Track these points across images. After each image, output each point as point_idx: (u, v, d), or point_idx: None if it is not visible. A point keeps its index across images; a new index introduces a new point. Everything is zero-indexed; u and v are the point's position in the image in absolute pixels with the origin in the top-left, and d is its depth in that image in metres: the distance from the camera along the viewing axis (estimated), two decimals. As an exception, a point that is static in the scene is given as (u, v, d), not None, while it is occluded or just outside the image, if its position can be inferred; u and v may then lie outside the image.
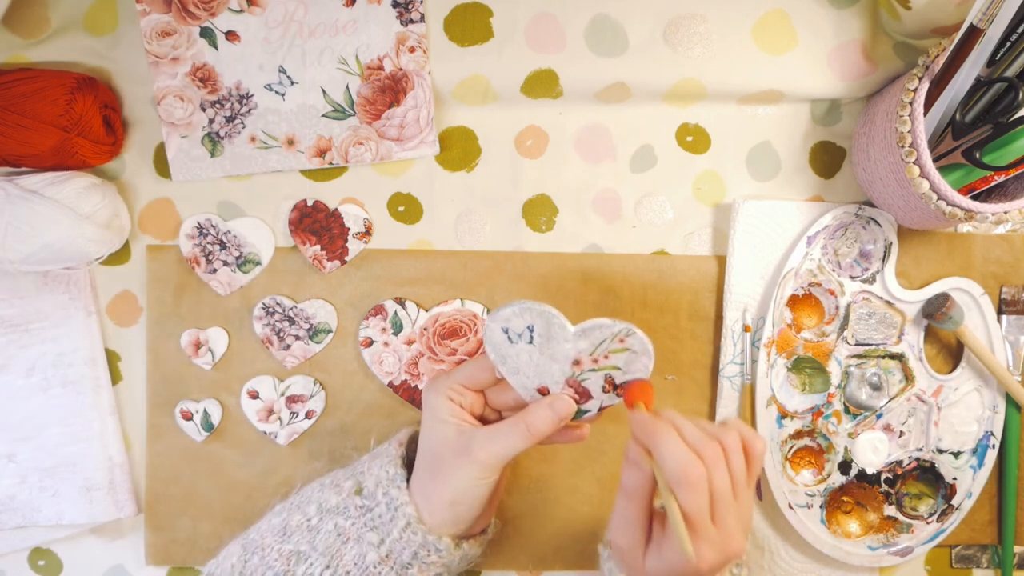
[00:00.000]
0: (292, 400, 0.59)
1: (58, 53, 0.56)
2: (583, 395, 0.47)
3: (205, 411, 0.59)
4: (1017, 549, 0.61)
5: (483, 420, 0.51)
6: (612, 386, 0.46)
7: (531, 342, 0.45)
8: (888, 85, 0.57)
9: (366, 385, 0.60)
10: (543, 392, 0.47)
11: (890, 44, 0.57)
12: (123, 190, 0.58)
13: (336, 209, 0.59)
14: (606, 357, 0.45)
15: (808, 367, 0.60)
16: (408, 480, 0.49)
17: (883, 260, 0.59)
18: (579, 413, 0.48)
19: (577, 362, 0.45)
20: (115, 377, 0.59)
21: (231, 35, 0.56)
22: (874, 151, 0.54)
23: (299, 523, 0.48)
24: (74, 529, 0.59)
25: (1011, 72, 0.50)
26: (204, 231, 0.58)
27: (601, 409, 0.48)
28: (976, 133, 0.51)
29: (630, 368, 0.45)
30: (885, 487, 0.60)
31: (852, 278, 0.59)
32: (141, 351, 0.59)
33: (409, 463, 0.51)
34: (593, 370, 0.46)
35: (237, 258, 0.58)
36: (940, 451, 0.60)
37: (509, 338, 0.45)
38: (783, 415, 0.59)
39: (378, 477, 0.48)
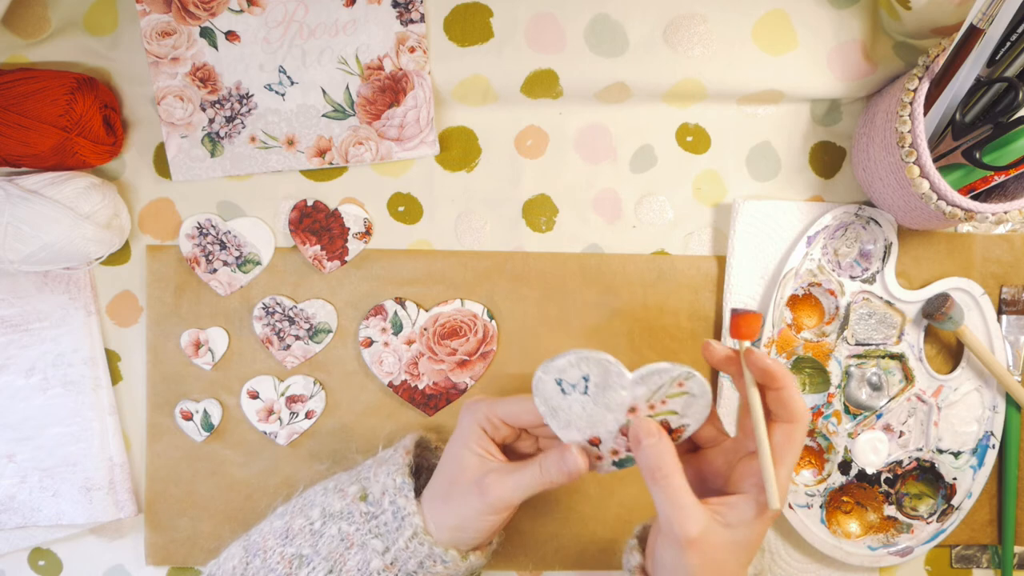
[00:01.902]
0: (292, 400, 0.59)
1: (58, 53, 0.56)
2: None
3: (205, 411, 0.59)
4: (1017, 549, 0.61)
5: (515, 449, 0.50)
6: (667, 431, 0.44)
7: (585, 392, 0.43)
8: (888, 85, 0.57)
9: (366, 385, 0.60)
10: (595, 443, 0.45)
11: (890, 44, 0.57)
12: (123, 190, 0.58)
13: (336, 209, 0.59)
14: (663, 403, 0.43)
15: (808, 367, 0.60)
16: (419, 490, 0.48)
17: (883, 260, 0.59)
18: (632, 460, 0.45)
19: (633, 409, 0.43)
20: (115, 377, 0.59)
21: (231, 35, 0.56)
22: (874, 151, 0.54)
23: (302, 526, 0.48)
24: (74, 529, 0.59)
25: (1011, 72, 0.50)
26: (204, 231, 0.58)
27: None
28: (976, 133, 0.51)
29: (686, 412, 0.44)
30: (885, 487, 0.60)
31: (852, 278, 0.59)
32: (141, 351, 0.59)
33: (416, 469, 0.50)
34: (649, 416, 0.44)
35: (237, 258, 0.58)
36: (940, 451, 0.60)
37: (563, 389, 0.43)
38: (783, 415, 0.59)
39: (384, 485, 0.48)
